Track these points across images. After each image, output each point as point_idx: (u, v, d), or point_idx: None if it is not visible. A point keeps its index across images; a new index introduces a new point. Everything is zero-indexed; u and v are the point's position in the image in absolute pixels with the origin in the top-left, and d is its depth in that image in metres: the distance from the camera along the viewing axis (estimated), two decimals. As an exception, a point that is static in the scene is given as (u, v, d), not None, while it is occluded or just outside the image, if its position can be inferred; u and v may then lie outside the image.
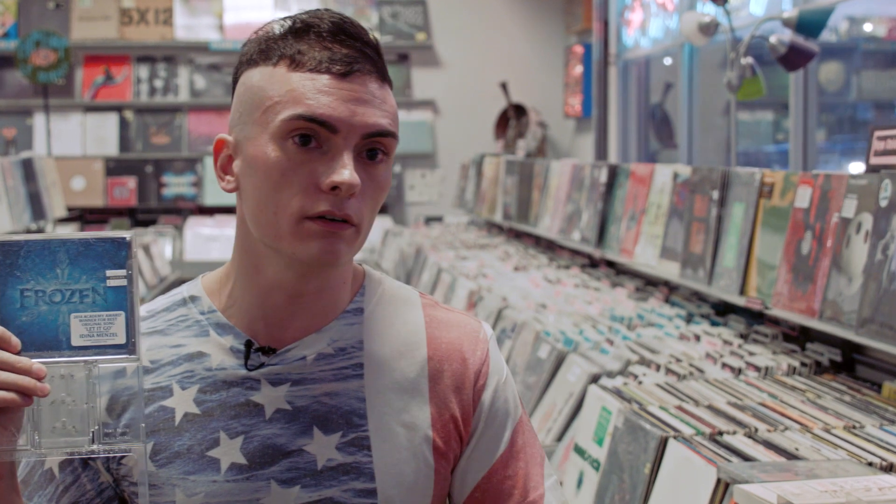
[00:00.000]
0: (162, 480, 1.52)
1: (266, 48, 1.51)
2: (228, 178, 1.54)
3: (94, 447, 1.39)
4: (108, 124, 10.02)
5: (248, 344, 1.54)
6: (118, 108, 10.04)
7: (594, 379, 3.41)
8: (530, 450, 1.64)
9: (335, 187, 1.44)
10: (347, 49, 1.48)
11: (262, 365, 1.54)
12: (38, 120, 9.87)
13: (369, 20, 10.26)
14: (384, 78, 1.52)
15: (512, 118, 10.01)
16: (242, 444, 1.52)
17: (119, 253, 1.41)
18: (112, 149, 10.01)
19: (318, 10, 1.53)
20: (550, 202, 6.40)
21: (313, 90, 1.46)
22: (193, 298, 1.61)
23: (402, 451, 1.54)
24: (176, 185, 10.06)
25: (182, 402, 1.54)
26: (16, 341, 1.36)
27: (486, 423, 1.60)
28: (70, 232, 1.40)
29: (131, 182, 9.96)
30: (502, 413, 1.61)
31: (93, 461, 1.55)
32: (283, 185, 1.46)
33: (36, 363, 1.34)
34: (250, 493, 1.51)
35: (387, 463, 1.53)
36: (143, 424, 1.43)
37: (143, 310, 1.61)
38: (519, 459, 1.61)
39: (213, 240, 9.74)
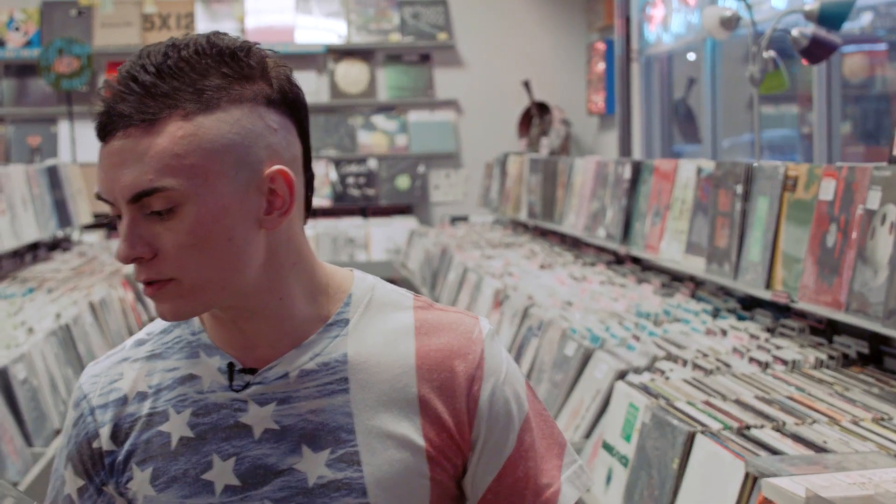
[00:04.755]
0: None
1: None
2: None
3: None
4: (133, 130, 10.05)
5: (231, 366, 1.52)
6: (142, 114, 10.06)
7: (621, 375, 3.41)
8: (542, 445, 1.58)
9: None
10: (109, 104, 1.46)
11: (247, 385, 1.51)
12: (63, 127, 9.91)
13: (391, 21, 10.28)
14: (156, 111, 1.42)
15: (535, 116, 10.00)
16: (234, 465, 1.50)
17: None
18: (137, 154, 10.04)
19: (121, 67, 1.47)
20: (575, 200, 6.40)
21: (99, 166, 1.46)
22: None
23: (394, 463, 1.50)
24: (201, 190, 10.10)
25: (177, 427, 1.53)
26: None
27: (489, 427, 1.53)
28: None
29: (156, 187, 9.98)
30: (504, 414, 1.54)
31: (105, 487, 1.57)
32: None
33: None
34: None
35: (378, 477, 1.49)
36: None
37: (143, 332, 1.62)
38: (528, 459, 1.56)
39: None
